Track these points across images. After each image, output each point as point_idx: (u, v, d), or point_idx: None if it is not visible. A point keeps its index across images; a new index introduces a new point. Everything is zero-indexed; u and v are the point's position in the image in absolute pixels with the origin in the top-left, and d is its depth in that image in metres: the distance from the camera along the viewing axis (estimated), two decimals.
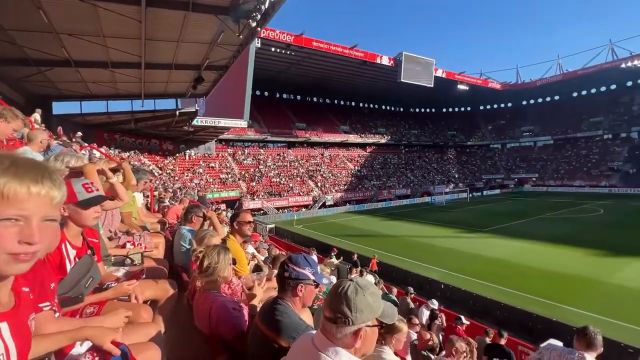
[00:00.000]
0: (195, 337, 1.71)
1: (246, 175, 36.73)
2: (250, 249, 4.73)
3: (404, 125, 62.86)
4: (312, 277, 1.49)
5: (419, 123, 65.44)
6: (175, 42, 9.48)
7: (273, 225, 23.86)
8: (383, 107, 66.25)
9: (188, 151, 34.80)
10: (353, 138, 52.42)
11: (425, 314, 6.94)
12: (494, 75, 62.22)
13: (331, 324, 1.00)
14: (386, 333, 2.43)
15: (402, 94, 54.52)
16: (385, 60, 39.92)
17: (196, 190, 26.92)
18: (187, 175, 31.71)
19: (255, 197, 33.20)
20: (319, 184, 39.82)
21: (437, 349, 4.31)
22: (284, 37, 31.79)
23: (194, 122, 22.57)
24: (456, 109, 70.96)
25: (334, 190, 39.30)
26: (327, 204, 36.29)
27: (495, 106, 68.62)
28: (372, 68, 41.45)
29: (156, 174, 25.91)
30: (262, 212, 32.20)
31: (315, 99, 59.03)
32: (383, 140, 55.33)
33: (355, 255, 11.73)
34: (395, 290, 8.62)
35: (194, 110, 19.30)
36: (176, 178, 30.11)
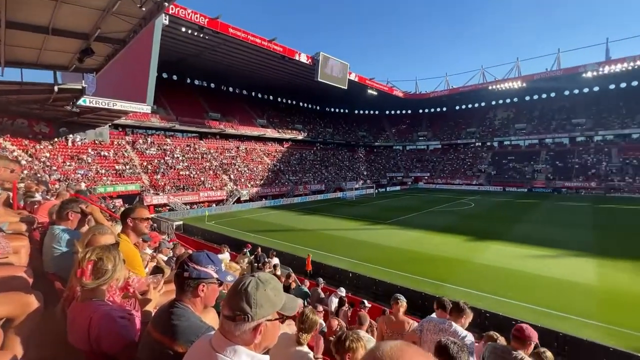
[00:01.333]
0: (69, 357, 1.44)
1: (149, 167, 32.72)
2: (149, 249, 4.23)
3: (319, 123, 65.23)
4: (215, 275, 1.41)
5: (334, 122, 68.91)
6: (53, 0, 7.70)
7: (181, 223, 21.96)
8: (301, 104, 67.47)
9: (71, 136, 29.06)
10: (270, 132, 51.94)
11: (335, 302, 7.39)
12: (398, 84, 69.70)
13: (230, 322, 0.98)
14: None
15: (319, 93, 56.43)
16: (304, 58, 40.58)
17: (81, 183, 22.79)
18: (69, 165, 26.50)
19: (160, 191, 29.90)
20: (234, 178, 38.26)
21: None
22: (196, 17, 29.28)
23: (80, 102, 18.87)
24: (366, 112, 77.11)
25: (249, 185, 38.30)
26: (242, 199, 35.15)
27: (399, 112, 77.16)
28: (290, 64, 41.63)
29: (22, 162, 20.94)
30: (168, 208, 29.27)
31: (231, 89, 56.31)
32: (300, 137, 56.39)
33: (260, 249, 11.63)
34: (307, 282, 8.92)
35: (80, 87, 16.09)
36: (54, 168, 24.88)
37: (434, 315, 3.59)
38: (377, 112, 76.94)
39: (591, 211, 28.12)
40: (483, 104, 67.53)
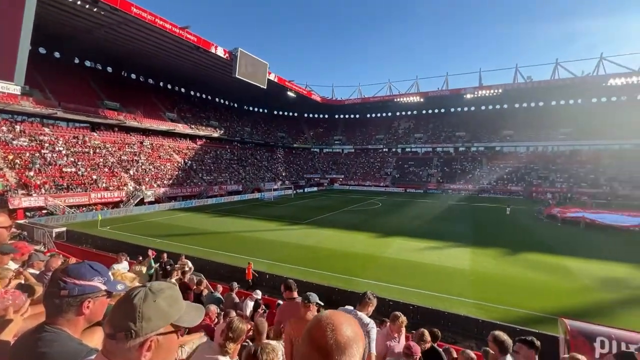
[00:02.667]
0: None
1: (17, 161, 26.44)
2: (14, 263, 3.41)
3: (237, 122, 62.92)
4: (104, 287, 1.23)
5: (253, 121, 67.36)
6: None
7: (63, 229, 18.38)
8: (217, 99, 63.95)
9: None
10: (182, 128, 47.76)
11: (250, 306, 7.21)
12: (316, 89, 72.47)
13: (110, 340, 0.87)
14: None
15: (237, 90, 54.37)
16: (221, 52, 38.57)
17: None
18: None
19: (34, 192, 24.43)
20: (136, 177, 33.85)
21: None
22: None
23: None
24: (286, 113, 77.66)
25: (155, 185, 34.40)
26: (146, 200, 31.34)
27: (317, 116, 79.98)
28: (205, 56, 39.03)
29: None
30: (46, 212, 24.16)
31: (134, 76, 49.76)
32: (216, 134, 53.37)
33: (165, 255, 10.58)
34: (220, 287, 8.48)
35: None
36: None
37: (345, 307, 3.84)
38: (296, 115, 78.24)
39: (468, 208, 34.08)
40: (390, 113, 75.23)
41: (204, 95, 61.01)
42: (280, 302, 6.98)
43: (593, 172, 46.90)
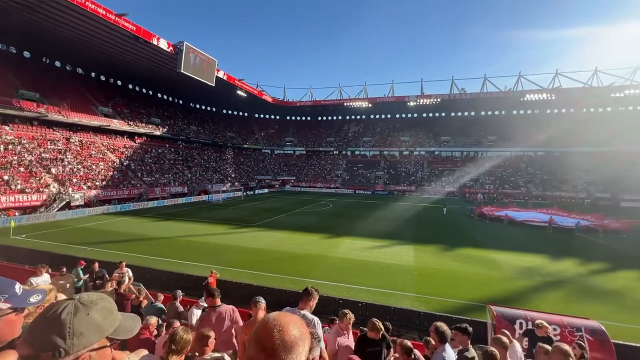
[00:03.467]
0: None
1: None
2: None
3: (183, 120, 59.31)
4: (7, 305, 1.07)
5: (200, 120, 64.08)
6: None
7: None
8: (160, 95, 59.58)
9: None
10: (118, 124, 43.57)
11: (196, 314, 6.85)
12: (268, 90, 71.55)
13: None
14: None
15: (183, 86, 51.28)
16: (164, 44, 36.08)
17: None
18: None
19: None
20: (61, 178, 29.99)
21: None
22: None
23: None
24: (235, 113, 75.32)
25: (85, 187, 30.83)
26: (73, 204, 27.92)
27: (268, 116, 78.94)
28: (146, 48, 36.18)
29: None
30: None
31: (59, 64, 44.12)
32: (158, 132, 49.68)
33: (97, 265, 9.56)
34: (161, 296, 7.93)
35: None
36: None
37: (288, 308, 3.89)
38: (246, 115, 76.34)
39: (411, 208, 36.46)
40: (340, 117, 77.31)
41: (144, 90, 56.37)
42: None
43: (514, 175, 53.46)
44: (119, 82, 52.06)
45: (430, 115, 70.42)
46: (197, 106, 67.52)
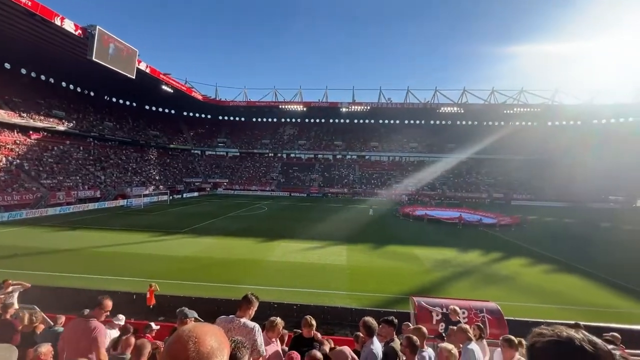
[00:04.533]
0: None
1: None
2: None
3: (95, 115, 52.03)
4: None
5: (117, 116, 56.96)
6: None
7: None
8: (65, 84, 51.22)
9: None
10: (5, 115, 36.23)
11: (113, 334, 6.07)
12: (198, 87, 67.29)
13: None
14: None
15: (95, 76, 44.93)
16: (70, 26, 31.23)
17: None
18: None
19: None
20: None
21: None
22: None
23: None
24: (160, 109, 69.01)
25: None
26: None
27: (198, 115, 74.23)
28: (46, 28, 30.86)
29: None
30: None
31: None
32: (62, 127, 42.71)
33: None
34: (62, 317, 6.83)
35: None
36: None
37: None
38: (173, 112, 70.58)
39: (344, 209, 38.07)
40: (275, 119, 76.78)
41: (43, 77, 47.79)
42: (153, 324, 6.21)
43: (432, 178, 59.80)
44: (7, 65, 43.25)
45: (361, 121, 74.59)
46: (114, 100, 59.87)
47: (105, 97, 57.81)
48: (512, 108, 60.46)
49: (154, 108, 67.62)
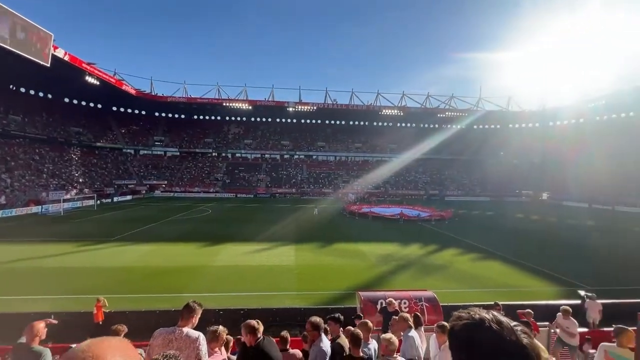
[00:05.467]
0: None
1: None
2: None
3: None
4: None
5: (27, 109, 49.00)
6: None
7: None
8: None
9: None
10: None
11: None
12: (131, 80, 61.15)
13: None
14: None
15: None
16: None
17: None
18: None
19: None
20: None
21: None
22: None
23: None
24: (84, 103, 61.31)
25: None
26: None
27: (130, 111, 67.70)
28: None
29: None
30: None
31: None
32: None
33: None
34: None
35: None
36: None
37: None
38: (100, 107, 63.22)
39: (292, 210, 38.03)
40: (219, 117, 73.50)
41: None
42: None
43: (375, 177, 62.81)
44: None
45: (308, 121, 75.22)
46: (23, 90, 51.45)
47: (11, 87, 49.42)
48: (444, 112, 66.64)
49: (75, 101, 59.78)
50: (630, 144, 49.27)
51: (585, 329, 7.40)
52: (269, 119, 75.30)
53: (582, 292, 9.80)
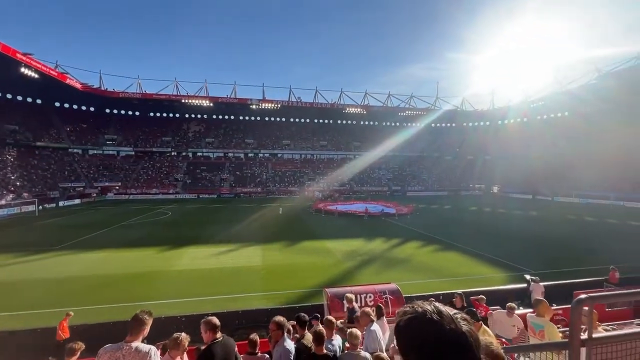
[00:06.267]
0: None
1: None
2: None
3: None
4: None
5: None
6: None
7: None
8: None
9: None
10: None
11: None
12: (76, 74, 55.86)
13: None
14: None
15: None
16: None
17: None
18: None
19: None
20: None
21: None
22: None
23: None
24: (20, 98, 55.14)
25: None
26: None
27: (76, 107, 62.09)
28: None
29: None
30: None
31: None
32: None
33: None
34: None
35: None
36: None
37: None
38: (40, 102, 57.21)
39: (257, 209, 37.37)
40: (178, 115, 69.97)
41: None
42: None
43: (341, 174, 63.73)
44: None
45: (273, 119, 74.22)
46: None
47: None
48: (405, 111, 69.31)
49: (9, 96, 53.57)
50: (566, 141, 54.83)
51: (530, 310, 8.11)
52: (232, 117, 73.19)
53: (527, 276, 10.73)
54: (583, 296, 1.47)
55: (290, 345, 3.64)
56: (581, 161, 49.17)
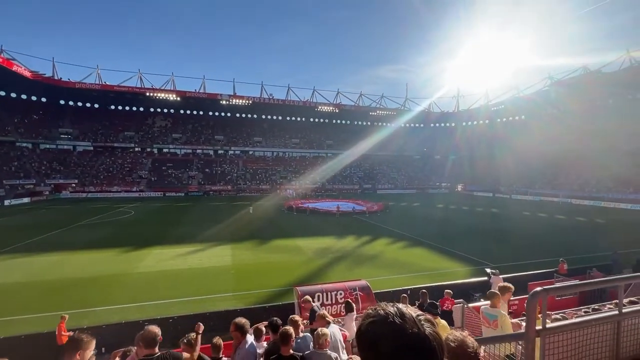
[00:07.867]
0: None
1: None
2: None
3: None
4: None
5: None
6: None
7: None
8: None
9: None
10: None
11: None
12: (24, 60, 51.08)
13: None
14: None
15: None
16: None
17: None
18: None
19: None
20: None
21: None
22: None
23: None
24: None
25: None
26: None
27: (25, 97, 56.86)
28: None
29: None
30: None
31: None
32: None
33: None
34: None
35: None
36: None
37: None
38: None
39: (227, 208, 36.43)
40: (142, 108, 66.40)
41: None
42: None
43: (313, 173, 63.84)
44: None
45: (244, 116, 72.65)
46: None
47: None
48: (376, 111, 70.74)
49: None
50: (523, 143, 58.80)
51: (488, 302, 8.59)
52: (201, 112, 70.68)
53: (488, 270, 11.36)
54: (538, 289, 1.54)
55: (253, 347, 3.55)
56: (536, 162, 53.05)
